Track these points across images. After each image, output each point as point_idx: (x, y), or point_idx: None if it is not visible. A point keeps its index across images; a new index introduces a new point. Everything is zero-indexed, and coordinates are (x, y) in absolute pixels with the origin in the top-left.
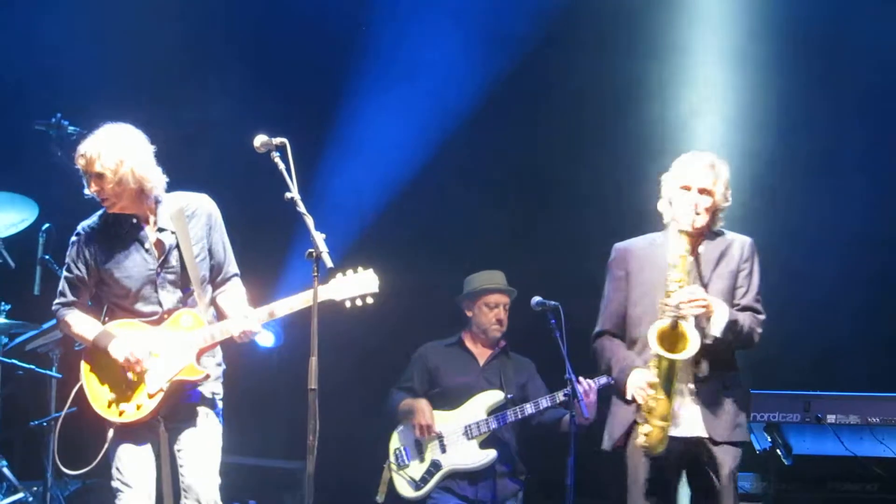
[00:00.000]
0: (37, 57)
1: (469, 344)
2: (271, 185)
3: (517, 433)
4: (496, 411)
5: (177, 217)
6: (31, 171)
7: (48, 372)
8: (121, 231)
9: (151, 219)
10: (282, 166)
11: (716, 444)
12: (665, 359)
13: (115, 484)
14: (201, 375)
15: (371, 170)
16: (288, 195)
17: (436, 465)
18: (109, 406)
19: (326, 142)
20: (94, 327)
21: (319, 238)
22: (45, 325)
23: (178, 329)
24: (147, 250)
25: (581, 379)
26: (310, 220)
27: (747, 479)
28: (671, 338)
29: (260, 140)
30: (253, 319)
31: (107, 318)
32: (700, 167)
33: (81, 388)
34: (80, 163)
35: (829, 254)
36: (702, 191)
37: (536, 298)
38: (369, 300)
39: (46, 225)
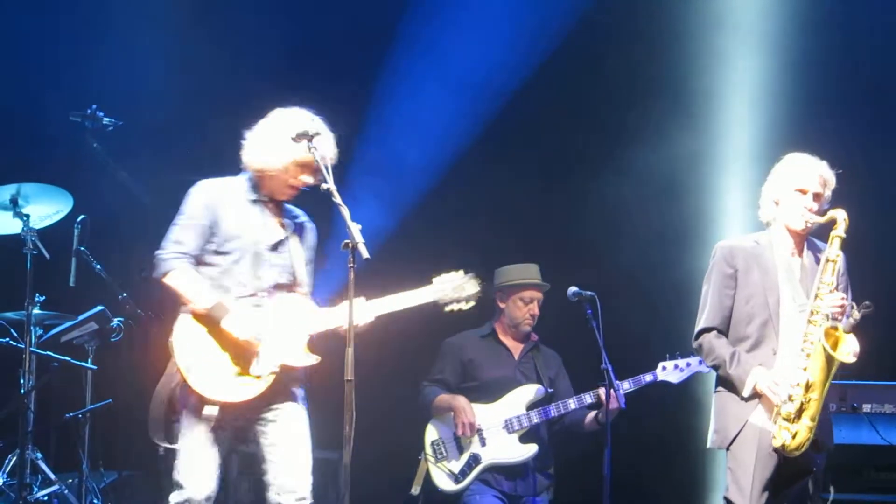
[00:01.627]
0: (72, 48)
1: (502, 336)
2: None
3: (548, 428)
4: (535, 406)
5: (293, 216)
6: (67, 162)
7: (83, 364)
8: (249, 198)
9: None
10: (318, 156)
11: (818, 449)
12: (829, 361)
13: (177, 477)
14: (313, 361)
15: (403, 158)
16: (324, 186)
17: (475, 459)
18: (213, 383)
19: (359, 129)
20: (209, 294)
21: (355, 229)
22: (81, 317)
23: (289, 312)
24: (266, 226)
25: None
26: (346, 211)
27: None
28: (832, 340)
29: (296, 131)
30: (367, 309)
31: None
32: (817, 173)
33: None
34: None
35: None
36: (815, 196)
37: (573, 288)
38: (471, 303)
39: (81, 216)
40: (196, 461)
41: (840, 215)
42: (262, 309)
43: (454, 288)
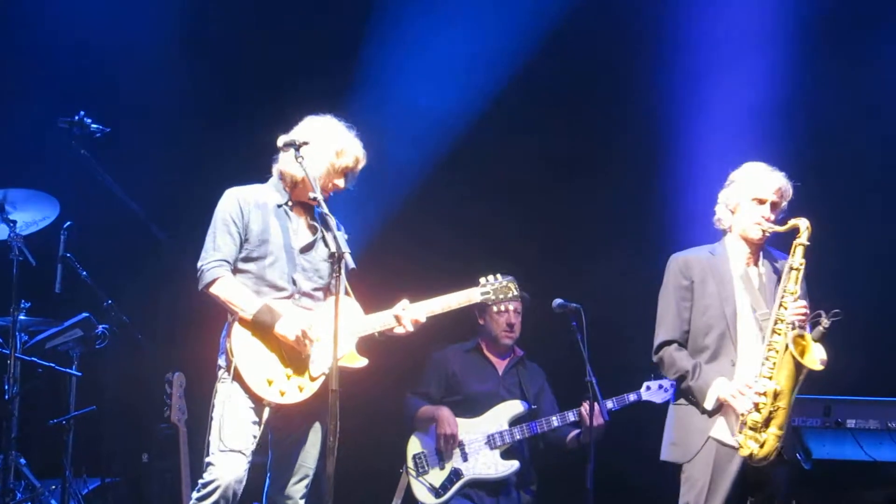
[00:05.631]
0: (61, 54)
1: (486, 351)
2: None
3: (530, 444)
4: (518, 422)
5: (325, 220)
6: (54, 169)
7: (68, 370)
8: (277, 203)
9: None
10: (305, 166)
11: (783, 461)
12: (798, 369)
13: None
14: (364, 363)
15: (385, 165)
16: (311, 195)
17: (457, 474)
18: (270, 385)
19: None
20: (255, 300)
21: (341, 238)
22: (66, 323)
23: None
24: (296, 230)
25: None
26: (332, 220)
27: None
28: (799, 348)
29: (283, 140)
30: (412, 313)
31: None
32: (776, 183)
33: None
34: (352, 163)
35: (851, 258)
36: (773, 205)
37: (558, 300)
38: (511, 305)
39: (68, 223)
40: (231, 446)
41: (803, 224)
42: (310, 311)
43: (500, 289)
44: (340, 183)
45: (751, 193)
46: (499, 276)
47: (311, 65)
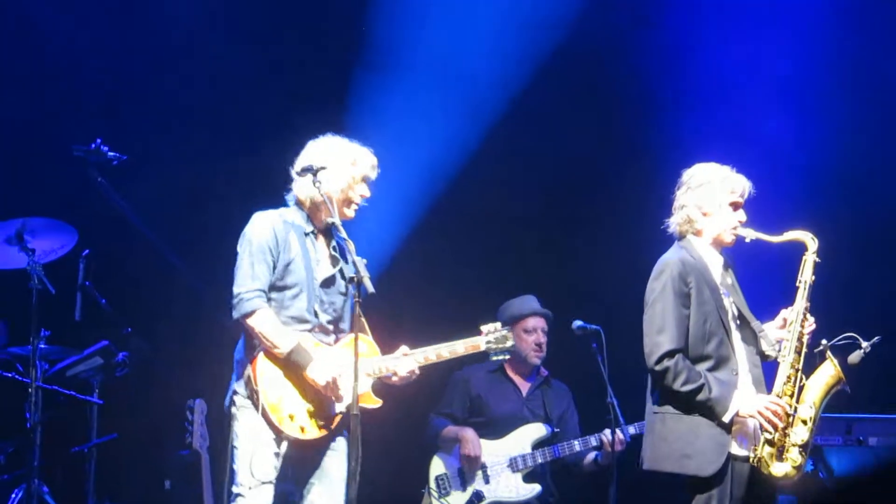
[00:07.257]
0: (77, 81)
1: (510, 372)
2: None
3: (552, 467)
4: (541, 445)
5: (344, 247)
6: (71, 196)
7: (89, 398)
8: (303, 230)
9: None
10: (324, 190)
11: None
12: (829, 390)
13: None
14: (378, 405)
15: (398, 186)
16: (329, 220)
17: (478, 496)
18: (292, 420)
19: None
20: (289, 336)
21: (360, 263)
22: (86, 351)
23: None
24: (319, 261)
25: (607, 432)
26: (351, 245)
27: (789, 503)
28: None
29: (300, 166)
30: (412, 360)
31: None
32: (747, 186)
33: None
34: (369, 169)
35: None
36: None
37: (578, 322)
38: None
39: (86, 251)
40: (262, 479)
41: (810, 239)
42: (330, 347)
43: (501, 338)
44: (365, 191)
45: (728, 198)
46: (498, 325)
47: (317, 92)
